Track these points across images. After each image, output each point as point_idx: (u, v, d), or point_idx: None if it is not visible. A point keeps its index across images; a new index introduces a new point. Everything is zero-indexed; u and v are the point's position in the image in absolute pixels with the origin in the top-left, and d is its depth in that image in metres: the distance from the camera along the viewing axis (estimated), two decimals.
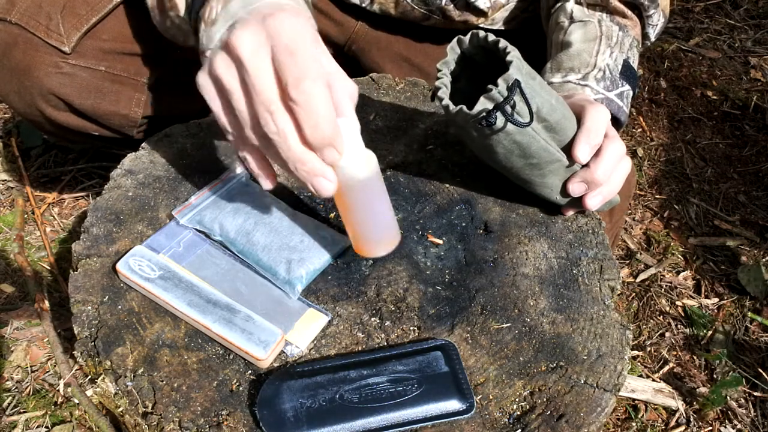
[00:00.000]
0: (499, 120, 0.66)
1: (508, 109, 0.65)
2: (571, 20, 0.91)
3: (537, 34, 1.13)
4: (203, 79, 0.59)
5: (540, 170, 0.75)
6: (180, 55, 0.98)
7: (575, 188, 0.75)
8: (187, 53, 0.98)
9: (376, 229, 0.67)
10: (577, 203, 0.78)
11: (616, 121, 0.87)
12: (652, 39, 0.97)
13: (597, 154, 0.74)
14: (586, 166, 0.75)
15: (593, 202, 0.76)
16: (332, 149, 0.57)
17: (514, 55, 0.66)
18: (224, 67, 0.57)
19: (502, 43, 0.67)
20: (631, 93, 0.88)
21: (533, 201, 0.82)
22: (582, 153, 0.72)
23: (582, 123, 0.73)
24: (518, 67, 0.65)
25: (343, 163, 0.60)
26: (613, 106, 0.85)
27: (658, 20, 0.94)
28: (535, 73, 0.69)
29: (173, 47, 0.96)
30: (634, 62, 0.90)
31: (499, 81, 0.64)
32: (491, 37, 0.68)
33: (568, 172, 0.76)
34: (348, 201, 0.63)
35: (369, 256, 0.70)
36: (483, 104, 0.66)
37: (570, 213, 0.81)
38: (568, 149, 0.73)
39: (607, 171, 0.74)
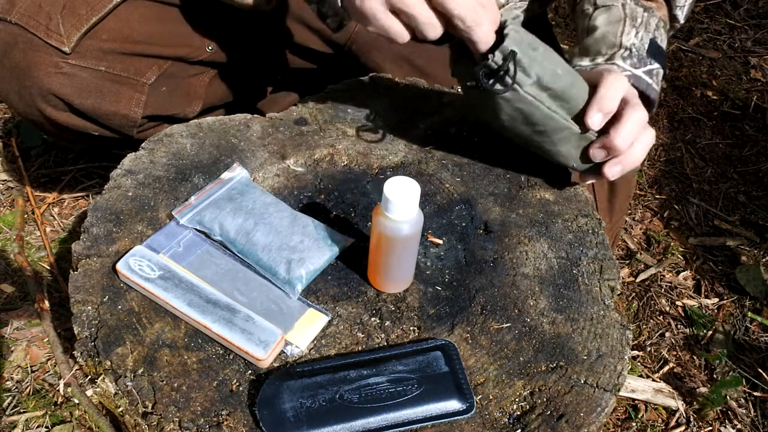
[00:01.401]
0: (497, 86, 0.71)
1: (508, 79, 0.69)
2: (595, 6, 0.92)
3: (537, 34, 1.13)
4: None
5: (549, 137, 0.77)
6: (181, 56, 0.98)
7: (595, 153, 0.77)
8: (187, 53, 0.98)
9: (397, 274, 0.71)
10: (597, 171, 0.79)
11: (646, 100, 0.86)
12: (682, 20, 0.96)
13: (618, 120, 0.74)
14: (606, 132, 0.75)
15: (612, 171, 0.77)
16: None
17: (512, 27, 0.70)
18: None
19: (502, 17, 0.71)
20: (661, 71, 0.87)
21: (533, 201, 0.83)
22: (593, 120, 0.73)
23: (596, 90, 0.74)
24: (516, 39, 0.69)
25: (396, 218, 0.63)
26: (641, 83, 0.84)
27: (685, 1, 0.94)
28: (539, 44, 0.72)
29: (173, 47, 0.96)
30: (662, 42, 0.89)
31: (496, 52, 0.69)
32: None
33: (582, 139, 0.77)
34: (386, 248, 0.67)
35: (381, 290, 0.72)
36: (480, 71, 0.71)
37: (588, 182, 0.82)
38: (582, 117, 0.75)
39: (627, 138, 0.74)
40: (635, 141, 0.76)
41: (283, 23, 1.06)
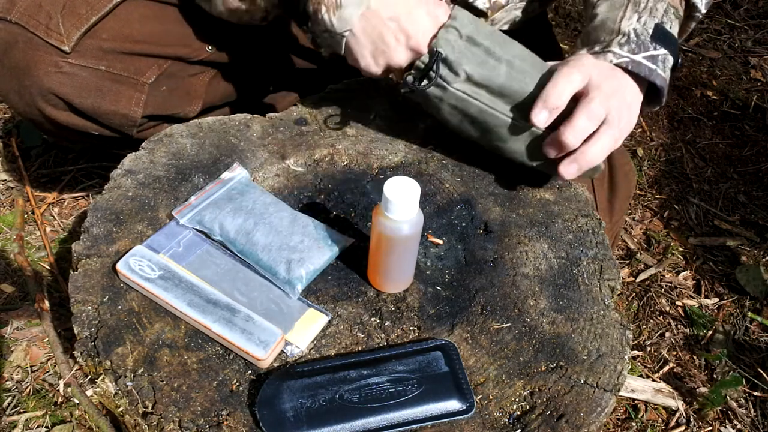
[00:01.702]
0: (423, 83, 0.75)
1: (432, 75, 0.73)
2: None
3: (537, 35, 1.13)
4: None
5: (495, 134, 0.78)
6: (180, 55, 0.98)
7: (546, 150, 0.75)
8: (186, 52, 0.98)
9: (397, 274, 0.71)
10: (553, 170, 0.78)
11: (652, 88, 0.81)
12: (702, 9, 0.89)
13: (569, 116, 0.72)
14: (556, 128, 0.73)
15: (568, 171, 0.75)
16: None
17: (449, 24, 0.73)
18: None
19: (455, 9, 0.75)
20: (669, 58, 0.81)
21: (533, 201, 0.83)
22: (538, 117, 0.72)
23: (545, 86, 0.73)
24: (445, 38, 0.73)
25: (396, 218, 0.63)
26: (642, 69, 0.78)
27: None
28: (483, 39, 0.74)
29: (173, 46, 0.96)
30: (672, 28, 0.83)
31: (425, 54, 0.74)
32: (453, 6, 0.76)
33: (533, 136, 0.77)
34: (386, 248, 0.67)
35: (381, 291, 0.72)
36: (409, 74, 0.75)
37: (563, 180, 0.80)
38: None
39: (578, 134, 0.72)
40: (592, 138, 0.73)
41: (283, 24, 1.06)
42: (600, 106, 0.73)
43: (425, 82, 0.74)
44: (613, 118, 0.74)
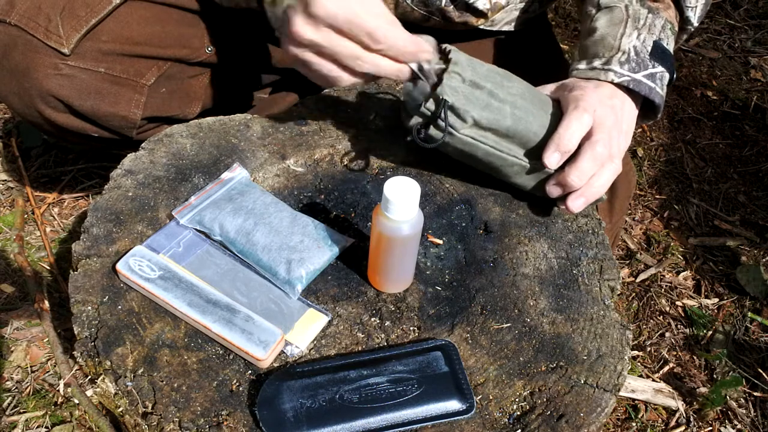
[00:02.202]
0: (434, 133, 0.74)
1: (441, 123, 0.72)
2: (598, 8, 0.89)
3: (537, 35, 1.13)
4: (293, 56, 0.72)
5: (501, 172, 0.78)
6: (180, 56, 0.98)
7: (551, 190, 0.77)
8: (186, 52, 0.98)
9: (397, 275, 0.71)
10: (560, 200, 0.79)
11: (650, 105, 0.84)
12: (695, 23, 0.91)
13: (575, 157, 0.75)
14: (561, 169, 0.75)
15: (574, 205, 0.77)
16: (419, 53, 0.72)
17: (451, 70, 0.72)
18: (312, 35, 0.69)
19: (452, 53, 0.73)
20: (666, 75, 0.83)
21: (534, 200, 0.83)
22: (550, 159, 0.74)
23: (557, 128, 0.74)
24: (450, 85, 0.71)
25: (396, 218, 0.63)
26: (642, 87, 0.80)
27: (696, 2, 0.90)
28: (486, 81, 0.73)
29: (173, 47, 0.96)
30: (669, 45, 0.85)
31: (430, 100, 0.72)
32: (449, 47, 0.74)
33: (538, 172, 0.77)
34: (386, 248, 0.67)
35: (381, 291, 0.72)
36: (415, 120, 0.74)
37: (571, 213, 0.81)
38: (538, 152, 0.75)
39: (583, 176, 0.74)
40: (595, 175, 0.75)
41: None
42: (604, 148, 0.75)
43: (433, 129, 0.73)
44: (615, 153, 0.76)
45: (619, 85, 0.80)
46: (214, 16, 0.97)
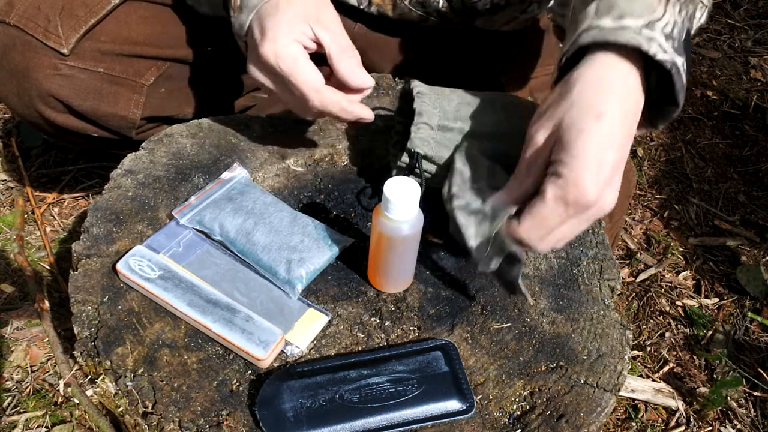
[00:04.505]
0: (417, 180, 0.72)
1: (418, 172, 0.73)
2: None
3: (537, 35, 1.13)
4: (252, 79, 0.74)
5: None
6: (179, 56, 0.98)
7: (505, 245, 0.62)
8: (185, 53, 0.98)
9: (398, 274, 0.71)
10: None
11: (668, 106, 0.62)
12: (693, 29, 0.69)
13: (535, 200, 0.58)
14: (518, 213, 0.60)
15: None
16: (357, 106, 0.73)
17: (418, 121, 0.73)
18: (262, 77, 0.73)
19: (416, 102, 0.74)
20: (685, 72, 0.61)
21: None
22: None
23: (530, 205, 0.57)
24: (422, 138, 0.72)
25: (396, 218, 0.63)
26: (679, 80, 0.58)
27: (708, 1, 0.69)
28: (453, 123, 0.73)
29: (173, 48, 0.96)
30: (689, 38, 0.64)
31: (404, 153, 0.74)
32: (415, 89, 0.75)
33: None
34: (386, 248, 0.66)
35: (381, 291, 0.72)
36: (396, 171, 0.76)
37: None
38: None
39: (538, 231, 0.58)
40: (560, 224, 0.57)
41: None
42: (580, 193, 0.56)
43: (414, 177, 0.72)
44: (598, 196, 0.57)
45: (654, 65, 0.58)
46: (214, 17, 0.97)
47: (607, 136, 0.55)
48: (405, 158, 0.75)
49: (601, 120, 0.55)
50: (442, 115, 0.73)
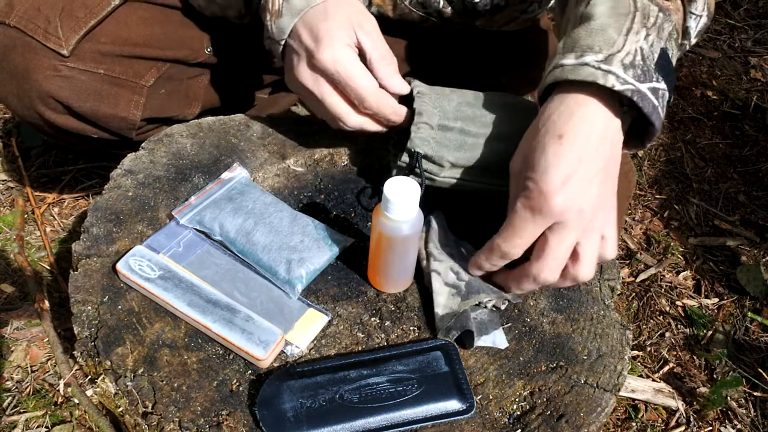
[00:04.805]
0: (417, 180, 0.74)
1: (418, 172, 0.73)
2: None
3: (536, 35, 1.13)
4: (297, 84, 0.75)
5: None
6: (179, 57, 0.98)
7: (516, 286, 0.68)
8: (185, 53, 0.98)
9: (398, 274, 0.71)
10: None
11: (641, 128, 0.67)
12: (693, 38, 0.77)
13: (539, 246, 0.63)
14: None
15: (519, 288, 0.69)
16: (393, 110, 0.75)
17: (417, 121, 0.73)
18: (311, 82, 0.73)
19: (416, 102, 0.74)
20: (667, 95, 0.65)
21: None
22: (472, 270, 0.69)
23: (494, 236, 0.65)
24: (422, 138, 0.73)
25: (396, 218, 0.63)
26: (646, 104, 0.62)
27: (702, 11, 0.75)
28: (453, 123, 0.73)
29: (173, 49, 0.96)
30: (672, 57, 0.68)
31: (404, 153, 0.74)
32: (415, 88, 0.76)
33: None
34: (386, 248, 0.67)
35: (381, 291, 0.72)
36: (396, 171, 0.76)
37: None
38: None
39: (550, 272, 0.64)
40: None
41: None
42: (575, 233, 0.62)
43: (414, 178, 0.73)
44: (599, 227, 0.64)
45: (617, 96, 0.63)
46: (216, 18, 0.97)
47: (568, 152, 0.61)
48: (405, 158, 0.75)
49: (562, 139, 0.61)
50: (443, 115, 0.73)
